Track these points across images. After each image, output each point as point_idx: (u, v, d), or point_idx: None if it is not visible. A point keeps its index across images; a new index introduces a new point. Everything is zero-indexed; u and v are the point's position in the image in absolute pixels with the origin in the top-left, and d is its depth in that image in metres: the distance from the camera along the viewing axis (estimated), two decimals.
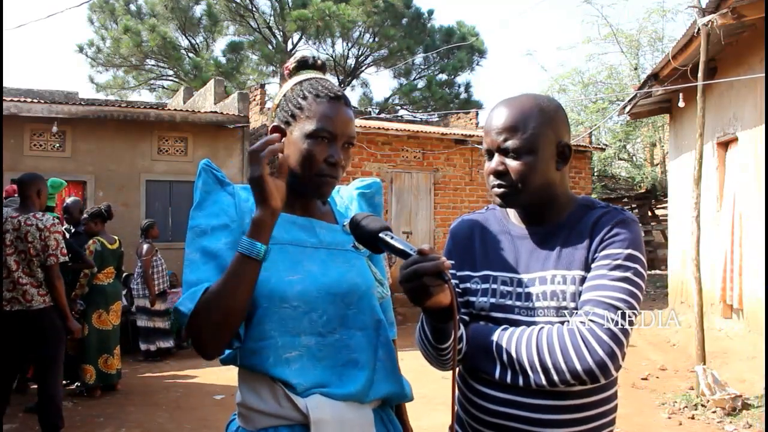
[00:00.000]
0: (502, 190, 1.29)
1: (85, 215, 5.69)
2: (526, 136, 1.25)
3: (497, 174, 1.28)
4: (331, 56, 19.60)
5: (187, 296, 1.15)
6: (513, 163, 1.26)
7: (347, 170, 1.37)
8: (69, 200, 6.08)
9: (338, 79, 19.79)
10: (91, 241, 5.39)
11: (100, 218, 5.60)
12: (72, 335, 3.92)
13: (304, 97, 1.29)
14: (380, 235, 1.16)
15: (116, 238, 5.74)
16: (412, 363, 1.50)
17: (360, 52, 19.67)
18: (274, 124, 1.33)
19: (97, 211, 5.64)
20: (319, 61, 1.39)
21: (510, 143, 1.26)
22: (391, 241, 1.14)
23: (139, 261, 6.84)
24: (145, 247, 6.87)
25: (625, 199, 16.30)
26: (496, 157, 1.29)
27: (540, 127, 1.26)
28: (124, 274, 6.63)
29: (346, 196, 1.48)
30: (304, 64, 1.37)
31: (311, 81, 1.32)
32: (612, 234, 1.24)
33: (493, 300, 1.29)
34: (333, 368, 1.23)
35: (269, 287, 1.21)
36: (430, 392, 4.90)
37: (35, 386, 5.18)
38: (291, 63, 1.38)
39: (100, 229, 5.56)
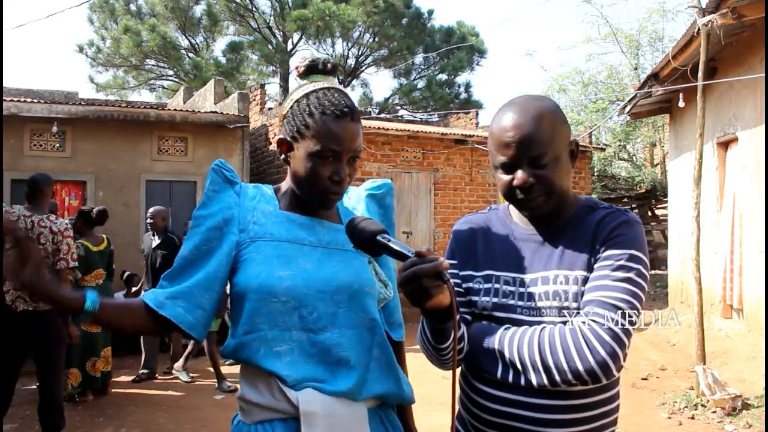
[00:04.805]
0: (533, 202, 1.26)
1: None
2: (551, 146, 1.23)
3: (528, 187, 1.24)
4: (331, 56, 19.60)
5: (154, 292, 1.28)
6: (542, 173, 1.23)
7: None
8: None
9: (338, 79, 19.75)
10: (74, 246, 4.88)
11: (85, 219, 5.32)
12: (70, 339, 3.93)
13: (311, 114, 1.29)
14: (377, 237, 1.15)
15: (104, 237, 5.47)
16: (412, 363, 1.50)
17: (360, 52, 19.66)
18: (280, 137, 1.35)
19: (84, 211, 5.38)
20: (329, 65, 1.39)
21: (537, 152, 1.23)
22: (389, 244, 1.14)
23: None
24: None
25: (625, 199, 16.27)
26: (524, 170, 1.24)
27: (556, 132, 1.25)
28: (127, 273, 6.59)
29: (354, 197, 1.49)
30: (314, 68, 1.38)
31: (319, 94, 1.31)
32: (615, 235, 1.24)
33: (495, 300, 1.29)
34: (325, 365, 1.24)
35: (259, 282, 1.24)
36: (430, 392, 4.90)
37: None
38: (302, 66, 1.39)
39: (85, 230, 5.29)
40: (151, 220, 5.99)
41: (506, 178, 1.27)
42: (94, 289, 5.37)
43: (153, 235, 6.06)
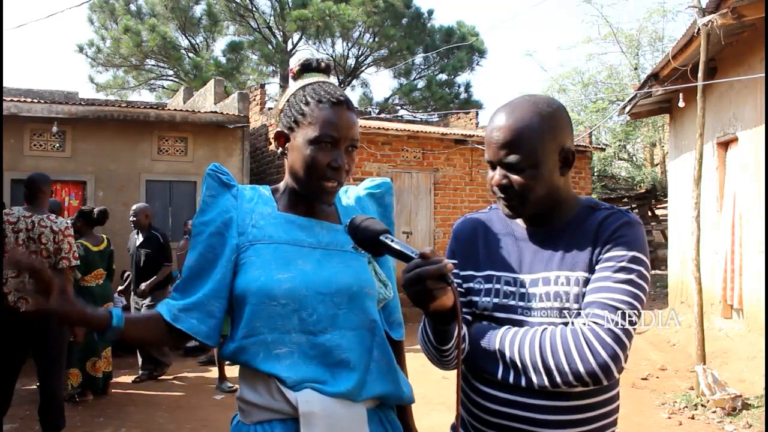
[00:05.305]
0: (509, 203, 1.29)
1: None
2: (527, 152, 1.23)
3: (501, 188, 1.28)
4: (331, 56, 19.59)
5: (167, 304, 1.30)
6: (516, 177, 1.25)
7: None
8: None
9: (338, 79, 19.78)
10: (75, 245, 5.00)
11: (86, 219, 5.35)
12: (75, 338, 3.94)
13: (307, 103, 1.30)
14: (380, 238, 1.15)
15: (104, 237, 5.49)
16: (411, 363, 1.51)
17: (360, 52, 19.66)
18: (278, 129, 1.35)
19: (85, 211, 5.42)
20: (323, 64, 1.40)
21: (512, 158, 1.24)
22: (392, 244, 1.13)
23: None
24: (181, 242, 7.04)
25: (625, 199, 16.27)
26: (499, 171, 1.28)
27: (540, 139, 1.24)
28: (127, 273, 6.59)
29: (353, 196, 1.48)
30: (308, 67, 1.39)
31: (314, 86, 1.33)
32: (616, 236, 1.23)
33: (496, 300, 1.29)
34: (325, 367, 1.24)
35: (258, 285, 1.24)
36: (430, 392, 4.91)
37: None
38: (295, 66, 1.40)
39: (85, 230, 5.32)
40: (134, 218, 5.94)
41: (489, 175, 1.31)
42: (94, 289, 5.35)
43: (137, 234, 6.03)
